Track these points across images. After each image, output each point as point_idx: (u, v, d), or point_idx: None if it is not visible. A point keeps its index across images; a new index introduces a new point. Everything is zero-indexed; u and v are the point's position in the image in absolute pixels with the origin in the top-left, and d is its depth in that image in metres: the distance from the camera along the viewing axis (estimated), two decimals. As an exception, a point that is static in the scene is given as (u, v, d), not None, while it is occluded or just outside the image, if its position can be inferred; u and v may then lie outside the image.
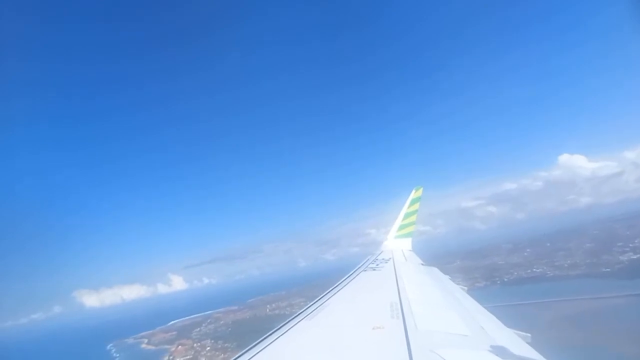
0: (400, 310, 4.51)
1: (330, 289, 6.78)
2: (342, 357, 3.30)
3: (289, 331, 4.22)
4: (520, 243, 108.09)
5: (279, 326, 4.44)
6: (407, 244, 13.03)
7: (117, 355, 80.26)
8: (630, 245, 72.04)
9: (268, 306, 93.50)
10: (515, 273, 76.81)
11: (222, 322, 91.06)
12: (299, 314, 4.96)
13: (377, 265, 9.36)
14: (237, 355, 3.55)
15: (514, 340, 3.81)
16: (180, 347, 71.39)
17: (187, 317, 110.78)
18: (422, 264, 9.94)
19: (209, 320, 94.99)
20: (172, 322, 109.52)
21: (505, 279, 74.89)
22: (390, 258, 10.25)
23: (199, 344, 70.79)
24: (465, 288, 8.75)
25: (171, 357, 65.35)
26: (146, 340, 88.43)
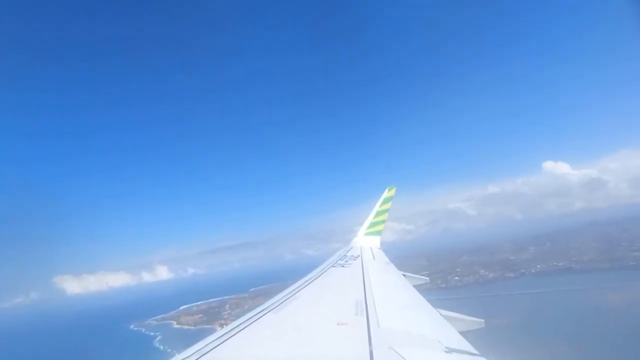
0: (364, 308, 4.66)
1: (299, 283, 6.93)
2: (306, 351, 3.39)
3: (255, 322, 4.30)
4: (519, 242, 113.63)
5: (246, 317, 4.49)
6: (376, 241, 13.37)
7: (158, 333, 79.28)
8: (637, 244, 78.80)
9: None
10: (539, 266, 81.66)
11: (246, 307, 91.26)
12: (266, 307, 5.01)
13: (346, 262, 9.51)
14: (204, 344, 3.53)
15: (464, 341, 4.06)
16: (225, 327, 71.67)
17: (199, 302, 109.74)
18: (388, 263, 10.12)
19: (227, 306, 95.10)
20: (183, 306, 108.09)
21: (533, 271, 79.81)
22: (359, 255, 10.48)
23: (244, 324, 71.63)
24: (427, 279, 9.67)
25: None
26: (174, 322, 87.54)
